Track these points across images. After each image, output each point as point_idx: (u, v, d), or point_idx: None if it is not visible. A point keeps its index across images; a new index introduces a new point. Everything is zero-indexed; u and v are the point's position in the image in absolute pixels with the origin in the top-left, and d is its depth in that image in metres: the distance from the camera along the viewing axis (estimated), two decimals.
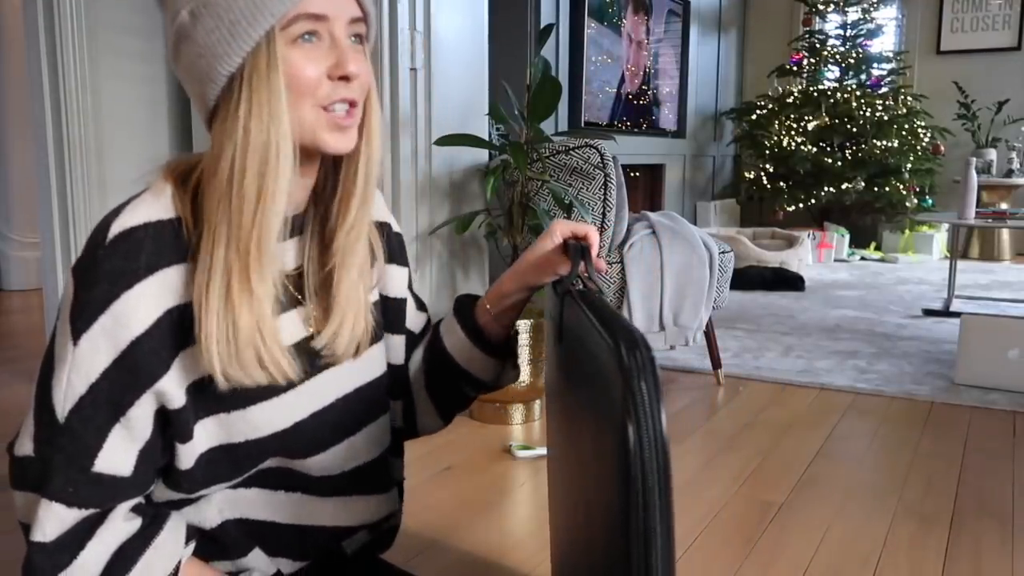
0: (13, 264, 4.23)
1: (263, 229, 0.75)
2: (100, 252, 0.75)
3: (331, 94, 0.77)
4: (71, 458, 0.77)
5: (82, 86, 2.35)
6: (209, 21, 0.74)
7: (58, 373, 0.76)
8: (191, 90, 0.79)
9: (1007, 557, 1.51)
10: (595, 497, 0.69)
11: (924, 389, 2.58)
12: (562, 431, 0.87)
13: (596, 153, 2.50)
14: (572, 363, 0.79)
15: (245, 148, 0.74)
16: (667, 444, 0.59)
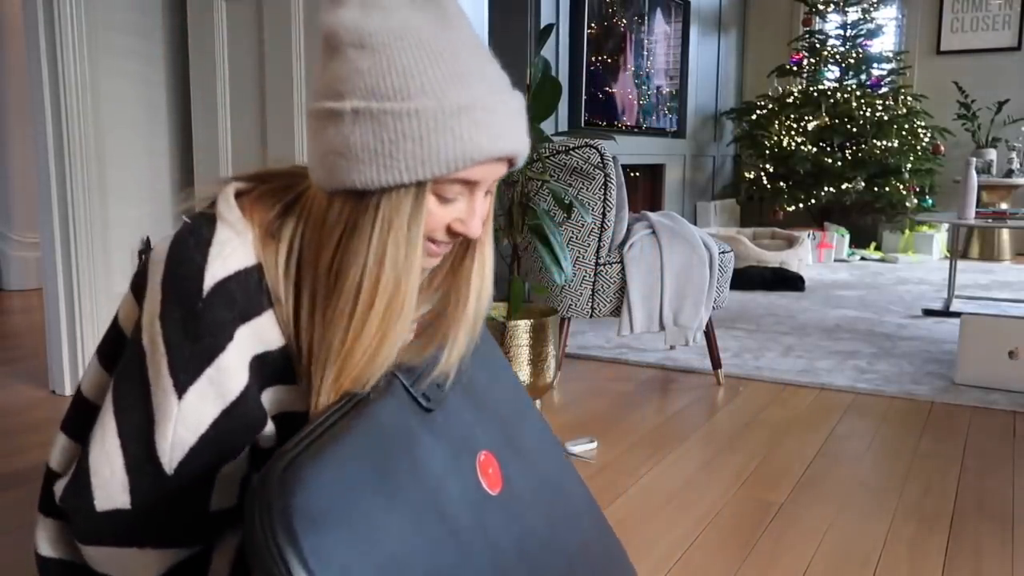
0: (13, 264, 4.23)
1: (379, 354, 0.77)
2: (200, 306, 0.74)
3: (439, 237, 0.80)
4: (183, 507, 0.76)
5: (82, 86, 2.35)
6: (369, 135, 0.73)
7: (162, 427, 0.75)
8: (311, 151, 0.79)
9: (1007, 557, 1.51)
10: None
11: (924, 389, 2.58)
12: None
13: (596, 153, 2.50)
14: None
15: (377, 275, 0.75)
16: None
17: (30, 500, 1.71)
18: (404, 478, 0.67)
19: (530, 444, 0.92)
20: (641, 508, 1.71)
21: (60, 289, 2.42)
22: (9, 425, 2.18)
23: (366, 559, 0.55)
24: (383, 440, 0.68)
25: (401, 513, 0.63)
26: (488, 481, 0.79)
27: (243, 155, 2.48)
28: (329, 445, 0.61)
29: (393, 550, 0.59)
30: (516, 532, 0.78)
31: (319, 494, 0.55)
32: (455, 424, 0.79)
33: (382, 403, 0.73)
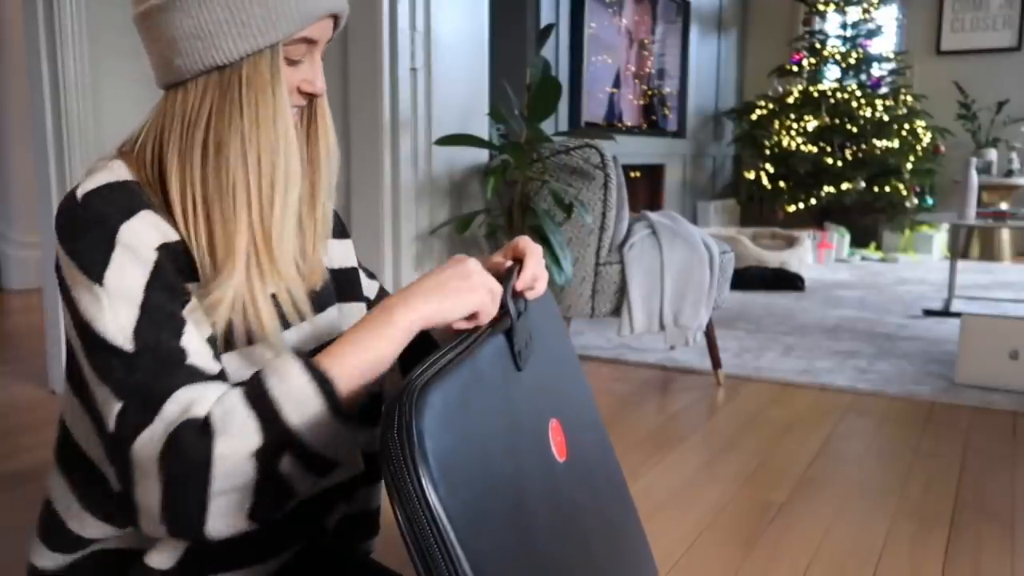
0: (13, 264, 4.23)
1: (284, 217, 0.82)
2: (79, 210, 0.77)
3: (296, 100, 0.86)
4: (159, 369, 0.74)
5: (82, 86, 2.35)
6: (219, 12, 0.79)
7: (101, 319, 0.75)
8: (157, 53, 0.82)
9: (1007, 557, 1.51)
10: None
11: (924, 389, 2.58)
12: None
13: (596, 153, 2.50)
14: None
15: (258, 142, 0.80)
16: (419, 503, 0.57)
17: (30, 500, 1.71)
18: (503, 423, 0.71)
19: (586, 419, 0.96)
20: (641, 508, 1.71)
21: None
22: (9, 425, 2.18)
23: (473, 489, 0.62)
24: (489, 385, 0.72)
25: (501, 455, 0.68)
26: (557, 448, 0.81)
27: None
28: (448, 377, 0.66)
29: (494, 487, 0.65)
30: (573, 500, 0.81)
31: (442, 419, 0.61)
32: (534, 387, 0.82)
33: (487, 348, 0.75)
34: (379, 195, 2.33)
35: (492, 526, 0.62)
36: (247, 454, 0.71)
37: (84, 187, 0.79)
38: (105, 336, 0.75)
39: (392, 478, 0.57)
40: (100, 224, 0.76)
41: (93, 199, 0.77)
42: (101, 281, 0.75)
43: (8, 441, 2.05)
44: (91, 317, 0.75)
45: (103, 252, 0.75)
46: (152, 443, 0.72)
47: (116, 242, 0.76)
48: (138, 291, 0.76)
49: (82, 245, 0.76)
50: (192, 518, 0.71)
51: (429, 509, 0.57)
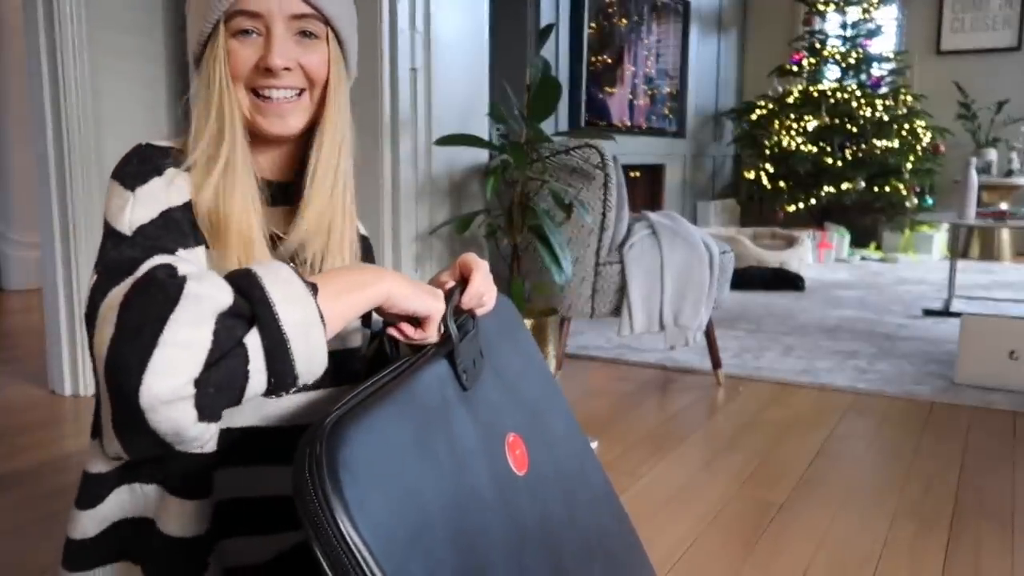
0: (13, 264, 4.23)
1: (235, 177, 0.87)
2: (141, 147, 0.87)
3: (259, 82, 0.89)
4: (150, 250, 0.79)
5: (82, 86, 2.35)
6: (190, 9, 0.91)
7: (119, 215, 0.81)
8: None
9: (1007, 557, 1.51)
10: None
11: (924, 389, 2.58)
12: None
13: (596, 153, 2.50)
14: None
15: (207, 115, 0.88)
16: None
17: (30, 500, 1.71)
18: (439, 448, 0.70)
19: (556, 430, 0.95)
20: (641, 508, 1.71)
21: (60, 289, 2.42)
22: (9, 425, 2.18)
23: (399, 516, 0.61)
24: (423, 411, 0.71)
25: (434, 480, 0.67)
26: (515, 462, 0.81)
27: None
28: (374, 408, 0.65)
29: (424, 512, 0.63)
30: (538, 513, 0.81)
31: (361, 452, 0.60)
32: (487, 404, 0.82)
33: (425, 373, 0.75)
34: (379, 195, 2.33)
35: (427, 553, 0.61)
36: (214, 309, 0.65)
37: (136, 147, 0.88)
38: (113, 225, 0.81)
39: (306, 516, 0.56)
40: (152, 159, 0.85)
41: (152, 147, 0.87)
42: (133, 189, 0.82)
43: (8, 441, 2.05)
44: (112, 216, 0.82)
45: (146, 174, 0.84)
46: (117, 295, 0.68)
47: (161, 173, 0.84)
48: (162, 203, 0.83)
49: (130, 168, 0.84)
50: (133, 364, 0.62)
51: (348, 545, 0.56)
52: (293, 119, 0.91)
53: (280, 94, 0.89)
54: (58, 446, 2.03)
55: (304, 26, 0.90)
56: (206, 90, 0.88)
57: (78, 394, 2.44)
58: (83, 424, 2.22)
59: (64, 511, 1.64)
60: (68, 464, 1.91)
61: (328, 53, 0.92)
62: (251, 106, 0.89)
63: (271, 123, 0.90)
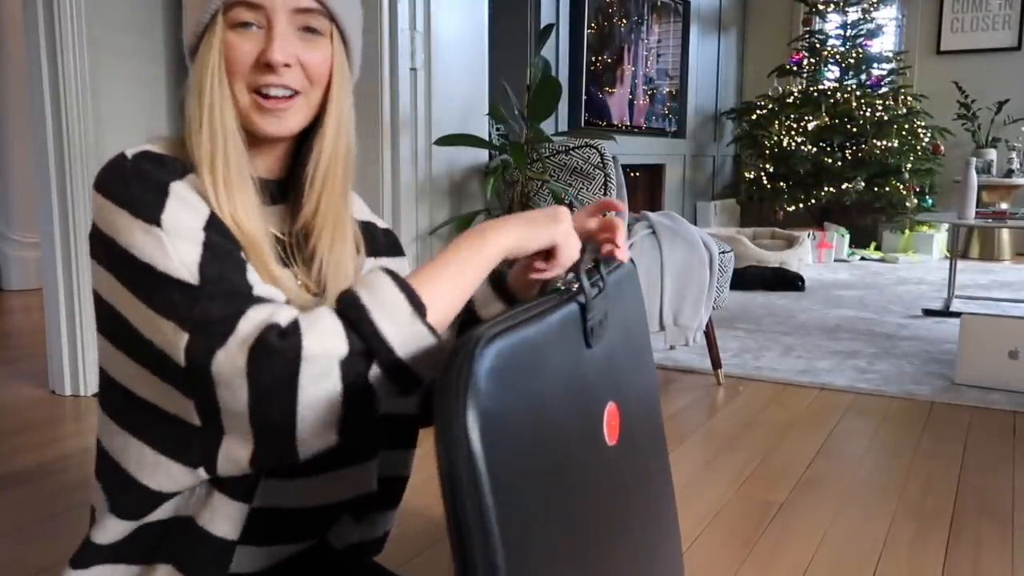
0: (13, 264, 4.23)
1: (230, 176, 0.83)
2: (127, 165, 0.79)
3: (258, 79, 0.84)
4: (227, 298, 0.73)
5: (82, 86, 2.35)
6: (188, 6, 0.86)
7: (164, 257, 0.74)
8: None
9: (1007, 557, 1.51)
10: None
11: (924, 389, 2.58)
12: None
13: (596, 153, 2.50)
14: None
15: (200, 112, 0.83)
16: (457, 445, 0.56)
17: (30, 500, 1.71)
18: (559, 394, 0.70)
19: (646, 408, 0.95)
20: None
21: (60, 289, 2.42)
22: (9, 425, 2.18)
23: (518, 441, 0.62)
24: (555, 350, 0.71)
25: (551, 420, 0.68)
26: (608, 431, 0.80)
27: None
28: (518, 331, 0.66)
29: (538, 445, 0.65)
30: (621, 484, 0.81)
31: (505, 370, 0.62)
32: (598, 366, 0.80)
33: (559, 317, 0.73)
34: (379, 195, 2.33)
35: (529, 484, 0.62)
36: (336, 359, 0.70)
37: (131, 151, 0.82)
38: (168, 272, 0.74)
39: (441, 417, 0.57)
40: (151, 177, 0.78)
41: (142, 159, 0.80)
42: (159, 222, 0.76)
43: (8, 441, 2.05)
44: (151, 257, 0.75)
45: (157, 199, 0.77)
46: (231, 358, 0.70)
47: (169, 192, 0.78)
48: (197, 231, 0.77)
49: (135, 193, 0.77)
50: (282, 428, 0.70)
51: (471, 456, 0.56)
52: (291, 119, 0.86)
53: (279, 92, 0.85)
54: (58, 446, 2.03)
55: (308, 21, 0.85)
56: (200, 85, 0.84)
57: (78, 394, 2.44)
58: (83, 424, 2.22)
59: (64, 511, 1.65)
60: (68, 464, 1.91)
61: (331, 52, 0.88)
62: (248, 104, 0.85)
63: (268, 123, 0.85)
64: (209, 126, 0.83)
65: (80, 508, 1.67)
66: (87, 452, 1.99)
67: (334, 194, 0.91)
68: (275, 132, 0.86)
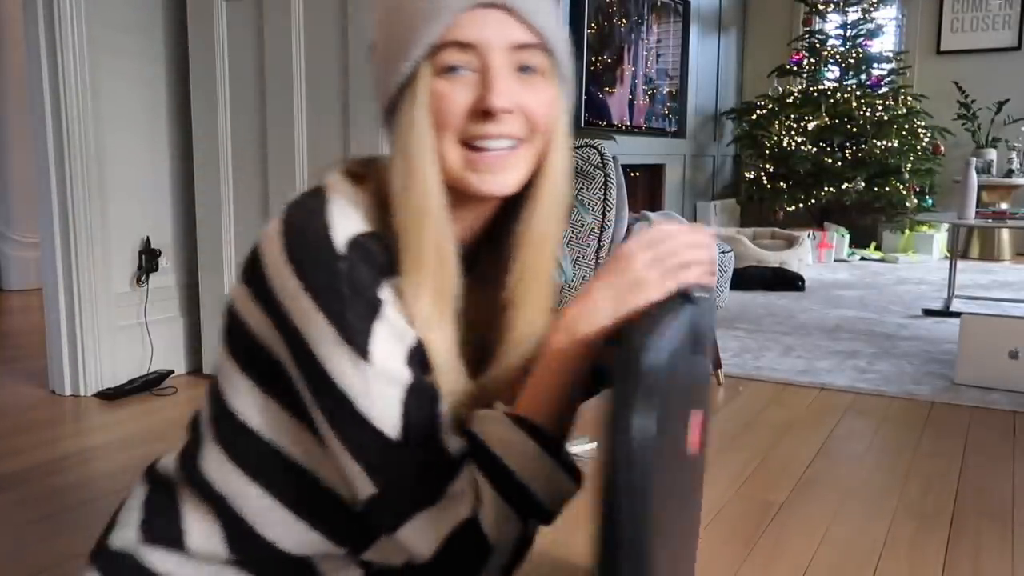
0: (13, 264, 4.23)
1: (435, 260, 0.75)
2: (341, 265, 0.70)
3: (473, 130, 0.73)
4: (428, 460, 0.72)
5: (82, 86, 2.35)
6: (378, 54, 0.76)
7: (366, 398, 0.70)
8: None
9: (1007, 557, 1.51)
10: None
11: (924, 389, 2.58)
12: None
13: (596, 153, 2.50)
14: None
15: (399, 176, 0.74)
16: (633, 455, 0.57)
17: (30, 500, 1.71)
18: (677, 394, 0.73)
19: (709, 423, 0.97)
20: None
21: (60, 289, 2.42)
22: (9, 425, 2.17)
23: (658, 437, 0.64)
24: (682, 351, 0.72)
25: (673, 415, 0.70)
26: (691, 440, 0.79)
27: (243, 155, 2.48)
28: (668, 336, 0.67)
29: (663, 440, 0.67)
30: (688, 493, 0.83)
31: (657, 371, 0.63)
32: (692, 375, 0.80)
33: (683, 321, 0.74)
34: None
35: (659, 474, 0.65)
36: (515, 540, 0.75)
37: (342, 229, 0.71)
38: (368, 417, 0.71)
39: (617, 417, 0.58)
40: (365, 291, 0.71)
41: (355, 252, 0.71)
42: (367, 356, 0.70)
43: (8, 441, 2.05)
44: (352, 391, 0.71)
45: (367, 323, 0.70)
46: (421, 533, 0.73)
47: (379, 315, 0.71)
48: (403, 371, 0.72)
49: (347, 311, 0.70)
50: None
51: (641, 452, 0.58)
52: (511, 175, 0.75)
53: (499, 144, 0.73)
54: (58, 446, 2.03)
55: (525, 59, 0.73)
56: (405, 147, 0.73)
57: (78, 394, 2.44)
58: (83, 424, 2.22)
59: (63, 511, 1.64)
60: (68, 464, 1.91)
61: (554, 92, 0.76)
62: (460, 161, 0.73)
63: (483, 181, 0.74)
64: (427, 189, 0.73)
65: (80, 508, 1.67)
66: (87, 452, 1.99)
67: (543, 255, 0.81)
68: (491, 190, 0.75)
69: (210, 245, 2.56)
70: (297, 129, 2.36)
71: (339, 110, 2.30)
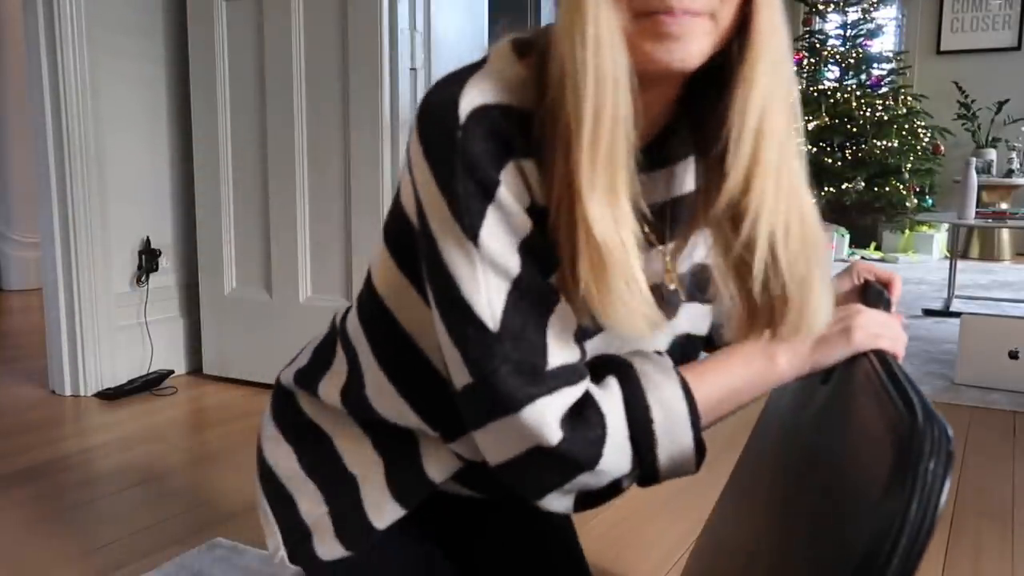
0: (13, 264, 4.24)
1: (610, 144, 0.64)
2: (458, 135, 0.66)
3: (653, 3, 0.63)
4: (521, 364, 0.68)
5: (82, 86, 2.35)
6: None
7: (472, 283, 0.67)
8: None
9: (1007, 557, 1.51)
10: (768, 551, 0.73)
11: (924, 389, 2.56)
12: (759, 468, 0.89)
13: None
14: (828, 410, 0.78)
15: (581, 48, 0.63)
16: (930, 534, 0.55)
17: (30, 500, 1.71)
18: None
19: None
20: (641, 508, 1.70)
21: (60, 289, 2.42)
22: (9, 425, 2.18)
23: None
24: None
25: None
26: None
27: (243, 155, 2.48)
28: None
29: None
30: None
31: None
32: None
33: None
34: (379, 195, 2.32)
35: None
36: (617, 475, 0.74)
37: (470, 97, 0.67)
38: (470, 303, 0.68)
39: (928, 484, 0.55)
40: (480, 169, 0.66)
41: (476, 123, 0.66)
42: (476, 239, 0.67)
43: (8, 441, 2.05)
44: (459, 274, 0.68)
45: (480, 203, 0.66)
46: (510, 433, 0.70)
47: (495, 198, 0.66)
48: (512, 261, 0.68)
49: (458, 185, 0.66)
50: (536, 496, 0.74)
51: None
52: (694, 43, 0.64)
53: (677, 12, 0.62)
54: (58, 446, 2.03)
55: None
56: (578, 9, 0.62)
57: (78, 394, 2.44)
58: (83, 424, 2.22)
59: (64, 511, 1.64)
60: (68, 464, 1.91)
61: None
62: (633, 29, 0.63)
63: (662, 50, 0.63)
64: (596, 71, 0.62)
65: (80, 508, 1.67)
66: (87, 452, 1.99)
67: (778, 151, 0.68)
68: (672, 63, 0.64)
69: (210, 245, 2.56)
70: (297, 129, 2.36)
71: (339, 110, 2.30)
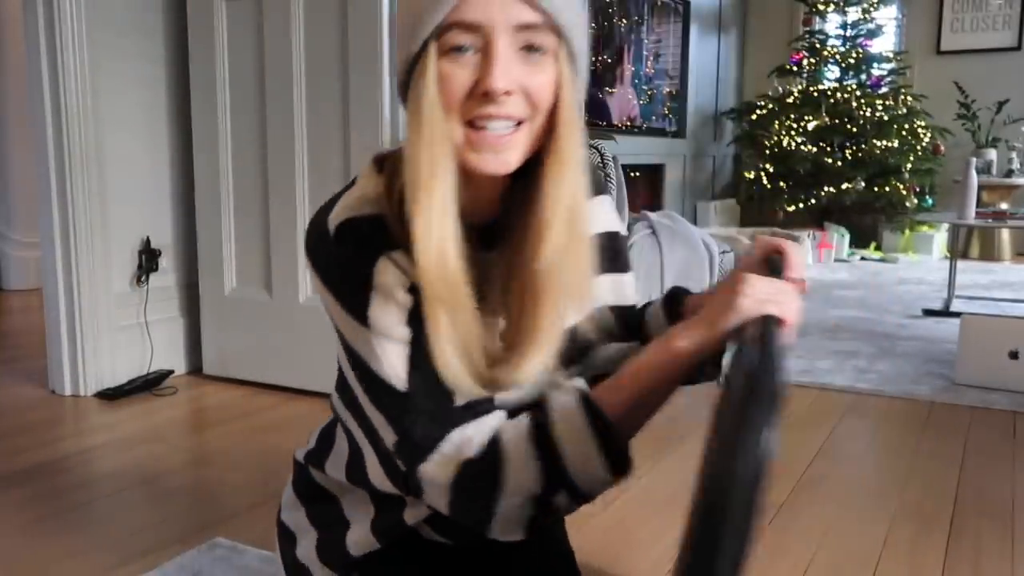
0: (13, 264, 4.23)
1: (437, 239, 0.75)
2: (332, 247, 0.80)
3: (474, 111, 0.74)
4: (434, 413, 0.79)
5: (82, 86, 2.35)
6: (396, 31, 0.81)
7: (374, 358, 0.79)
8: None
9: (1007, 557, 1.51)
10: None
11: (924, 389, 2.58)
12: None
13: (596, 153, 2.50)
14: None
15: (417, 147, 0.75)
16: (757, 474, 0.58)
17: (30, 500, 1.71)
18: None
19: None
20: (641, 508, 1.71)
21: (60, 289, 2.42)
22: (9, 425, 2.18)
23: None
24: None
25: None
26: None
27: (243, 155, 2.48)
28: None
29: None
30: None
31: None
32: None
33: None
34: None
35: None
36: (530, 495, 0.78)
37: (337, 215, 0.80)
38: (379, 375, 0.79)
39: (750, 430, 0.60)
40: (354, 266, 0.79)
41: (345, 237, 0.79)
42: (366, 321, 0.78)
43: (8, 441, 2.05)
44: (363, 353, 0.80)
45: (362, 293, 0.78)
46: (432, 476, 0.79)
47: (373, 287, 0.78)
48: (402, 330, 0.79)
49: (341, 284, 0.80)
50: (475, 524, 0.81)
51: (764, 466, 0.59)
52: (511, 154, 0.76)
53: (498, 125, 0.74)
54: (58, 446, 2.03)
55: (531, 39, 0.74)
56: (417, 121, 0.74)
57: (78, 394, 2.44)
58: (83, 424, 2.22)
59: (64, 511, 1.64)
60: (68, 464, 1.91)
61: (558, 72, 0.76)
62: (462, 140, 0.75)
63: (484, 160, 0.76)
64: (429, 164, 0.74)
65: (80, 508, 1.67)
66: (87, 452, 1.99)
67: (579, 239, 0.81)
68: (493, 169, 0.76)
69: (210, 245, 2.56)
70: (297, 129, 2.36)
71: (339, 110, 2.30)
